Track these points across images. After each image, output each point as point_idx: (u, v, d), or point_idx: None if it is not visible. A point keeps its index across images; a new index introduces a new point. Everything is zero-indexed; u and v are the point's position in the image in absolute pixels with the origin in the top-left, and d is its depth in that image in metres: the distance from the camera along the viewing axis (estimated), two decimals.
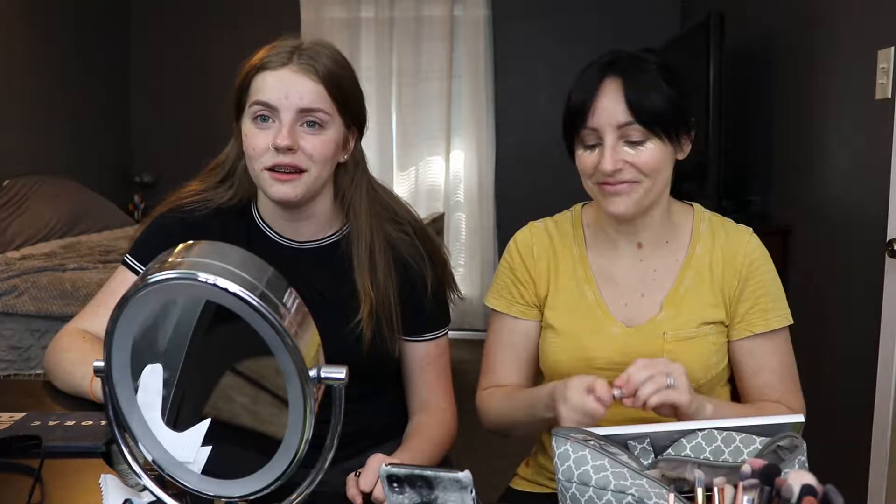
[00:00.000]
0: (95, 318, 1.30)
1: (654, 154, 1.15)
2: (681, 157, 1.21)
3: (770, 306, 1.23)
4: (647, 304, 1.24)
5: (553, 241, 1.31)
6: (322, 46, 1.21)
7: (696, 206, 1.31)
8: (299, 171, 1.17)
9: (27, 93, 4.22)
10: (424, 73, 4.98)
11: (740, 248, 1.24)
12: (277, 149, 1.15)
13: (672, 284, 1.24)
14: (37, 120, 4.30)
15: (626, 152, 1.15)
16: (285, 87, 1.16)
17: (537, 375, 1.35)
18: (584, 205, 1.35)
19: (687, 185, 1.30)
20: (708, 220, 1.28)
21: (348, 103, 1.21)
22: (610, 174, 1.15)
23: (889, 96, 2.05)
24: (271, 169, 1.16)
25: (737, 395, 1.30)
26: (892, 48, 2.03)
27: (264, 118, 1.17)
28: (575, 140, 1.20)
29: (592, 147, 1.18)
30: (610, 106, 1.14)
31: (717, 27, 2.89)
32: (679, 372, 1.04)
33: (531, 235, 1.32)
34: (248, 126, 1.18)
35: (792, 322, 1.25)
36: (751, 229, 1.27)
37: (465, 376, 1.38)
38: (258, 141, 1.16)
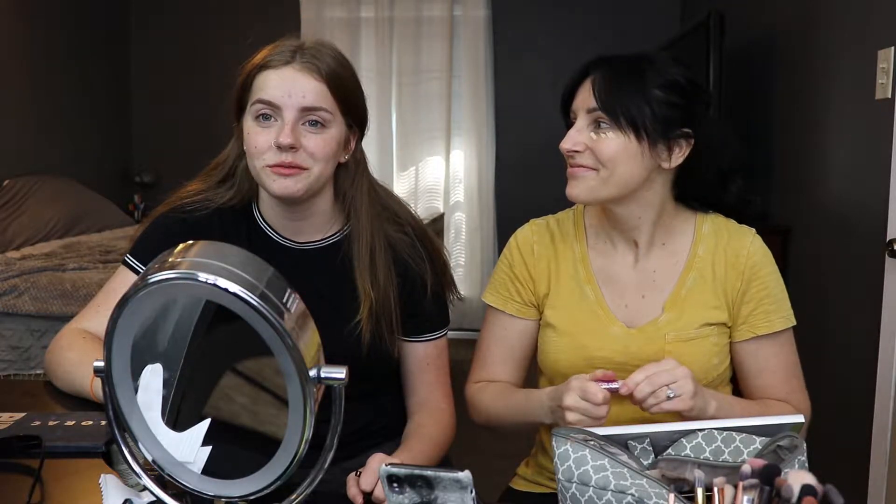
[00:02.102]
0: (96, 317, 1.30)
1: (612, 144, 1.16)
2: (665, 165, 1.20)
3: (773, 308, 1.23)
4: (649, 306, 1.24)
5: (554, 240, 1.30)
6: (324, 46, 1.22)
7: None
8: (301, 169, 1.17)
9: (27, 93, 4.22)
10: (424, 73, 4.98)
11: (743, 249, 1.24)
12: (280, 147, 1.15)
13: (674, 286, 1.24)
14: (37, 120, 4.30)
15: (589, 137, 1.18)
16: (288, 86, 1.16)
17: (532, 374, 1.35)
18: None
19: (727, 211, 1.31)
20: (711, 222, 1.28)
21: (350, 103, 1.22)
22: (568, 153, 1.19)
23: (889, 96, 2.05)
24: (273, 166, 1.16)
25: (738, 396, 1.30)
26: (892, 48, 2.03)
27: (266, 117, 1.17)
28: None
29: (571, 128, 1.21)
30: (585, 92, 1.19)
31: (717, 27, 2.89)
32: (684, 378, 1.04)
33: (532, 234, 1.32)
34: (249, 124, 1.18)
35: (795, 323, 1.25)
36: (753, 230, 1.27)
37: (464, 376, 1.38)
38: (260, 139, 1.16)
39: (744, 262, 1.23)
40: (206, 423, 0.81)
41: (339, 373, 0.76)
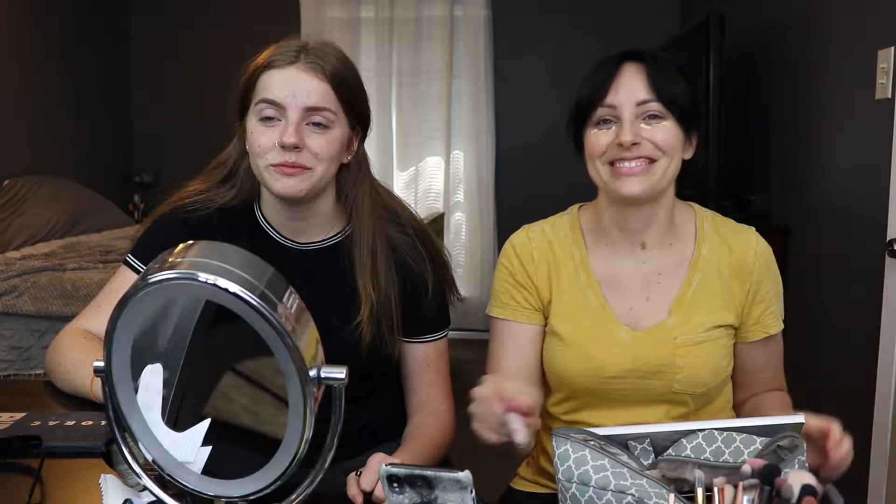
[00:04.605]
0: (97, 317, 1.30)
1: (671, 132, 1.16)
2: (686, 156, 1.21)
3: (778, 305, 1.25)
4: (654, 308, 1.22)
5: (552, 245, 1.27)
6: (328, 46, 1.22)
7: (696, 206, 1.30)
8: (304, 168, 1.17)
9: (27, 93, 4.22)
10: (424, 73, 4.98)
11: (749, 249, 1.23)
12: (283, 147, 1.15)
13: (680, 288, 1.23)
14: (37, 120, 4.30)
15: (643, 128, 1.15)
16: (292, 86, 1.16)
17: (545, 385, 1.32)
18: (580, 207, 1.33)
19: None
20: (711, 220, 1.27)
21: (354, 103, 1.22)
22: (628, 147, 1.14)
23: (889, 96, 2.05)
24: (276, 165, 1.17)
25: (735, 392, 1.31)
26: (892, 48, 2.03)
27: (270, 116, 1.17)
28: (586, 124, 1.20)
29: (607, 124, 1.17)
30: (630, 84, 1.16)
31: (717, 27, 2.89)
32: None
33: (529, 240, 1.28)
34: (253, 124, 1.18)
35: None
36: (753, 228, 1.27)
37: (464, 376, 1.37)
38: (264, 139, 1.17)
39: (752, 262, 1.22)
40: (206, 423, 0.81)
41: (339, 373, 0.76)
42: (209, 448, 0.81)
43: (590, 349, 1.21)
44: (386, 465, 0.83)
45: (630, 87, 1.16)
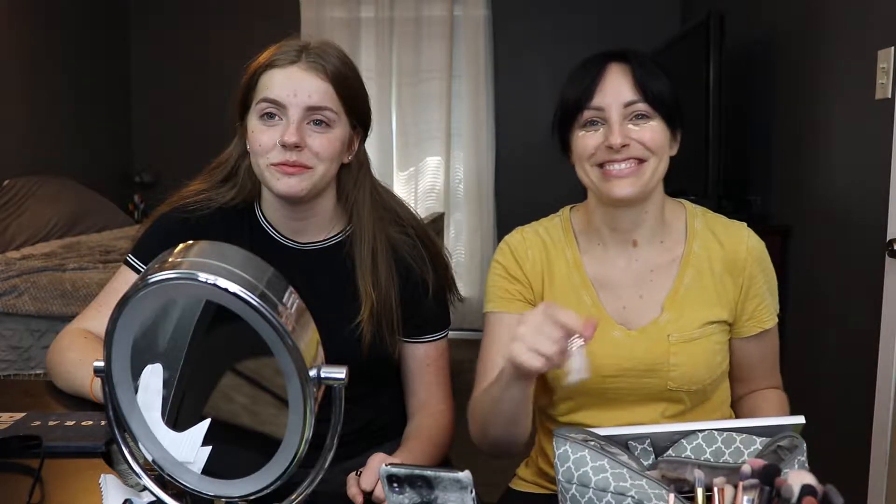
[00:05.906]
0: (97, 317, 1.30)
1: (659, 131, 1.16)
2: (672, 153, 1.21)
3: (772, 299, 1.25)
4: (647, 306, 1.23)
5: (546, 247, 1.28)
6: (329, 46, 1.22)
7: (686, 202, 1.30)
8: (305, 168, 1.17)
9: (27, 93, 4.22)
10: (424, 73, 4.98)
11: (741, 245, 1.23)
12: (285, 146, 1.15)
13: (672, 284, 1.23)
14: (37, 120, 4.30)
15: (631, 129, 1.15)
16: (294, 85, 1.16)
17: (538, 389, 1.30)
18: (571, 208, 1.33)
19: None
20: (701, 216, 1.27)
21: (355, 103, 1.22)
22: (618, 149, 1.14)
23: (889, 96, 2.05)
24: (277, 164, 1.17)
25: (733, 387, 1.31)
26: (892, 48, 2.03)
27: (271, 115, 1.17)
28: (573, 126, 1.19)
29: (594, 125, 1.17)
30: (616, 85, 1.16)
31: (717, 27, 2.89)
32: None
33: (524, 239, 1.29)
34: (254, 123, 1.19)
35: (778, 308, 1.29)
36: (745, 224, 1.27)
37: (464, 376, 1.37)
38: (265, 138, 1.17)
39: (744, 257, 1.22)
40: (206, 423, 0.81)
41: (339, 373, 0.76)
42: (209, 448, 0.81)
43: (585, 349, 1.20)
44: (386, 465, 0.83)
45: (616, 89, 1.16)
